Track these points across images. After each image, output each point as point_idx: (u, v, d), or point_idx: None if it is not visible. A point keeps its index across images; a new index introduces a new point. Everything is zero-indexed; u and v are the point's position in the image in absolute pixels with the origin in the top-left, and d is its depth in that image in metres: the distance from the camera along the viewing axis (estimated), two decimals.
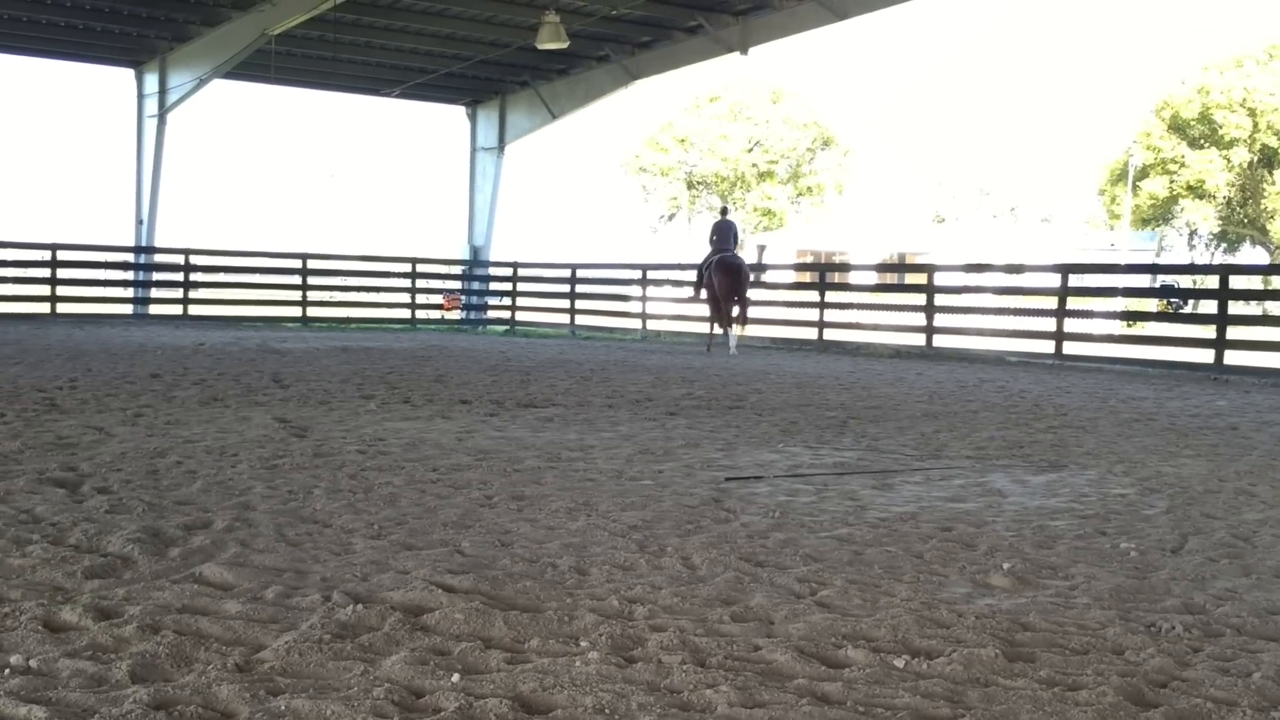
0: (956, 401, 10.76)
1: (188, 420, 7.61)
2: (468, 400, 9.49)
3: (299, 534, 4.35)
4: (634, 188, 54.07)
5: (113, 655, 2.92)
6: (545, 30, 19.31)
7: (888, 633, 3.34)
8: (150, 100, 25.19)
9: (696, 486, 5.70)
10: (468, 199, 29.58)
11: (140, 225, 25.48)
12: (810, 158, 51.43)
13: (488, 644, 3.14)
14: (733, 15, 22.24)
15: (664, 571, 4.00)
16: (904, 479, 6.14)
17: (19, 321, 20.94)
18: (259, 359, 13.50)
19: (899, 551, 4.41)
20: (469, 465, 6.12)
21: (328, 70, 26.55)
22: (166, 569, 3.78)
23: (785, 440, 7.61)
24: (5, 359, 12.24)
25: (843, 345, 19.92)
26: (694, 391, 10.97)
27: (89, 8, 21.91)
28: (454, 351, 16.54)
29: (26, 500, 4.77)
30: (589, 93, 26.41)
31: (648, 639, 3.21)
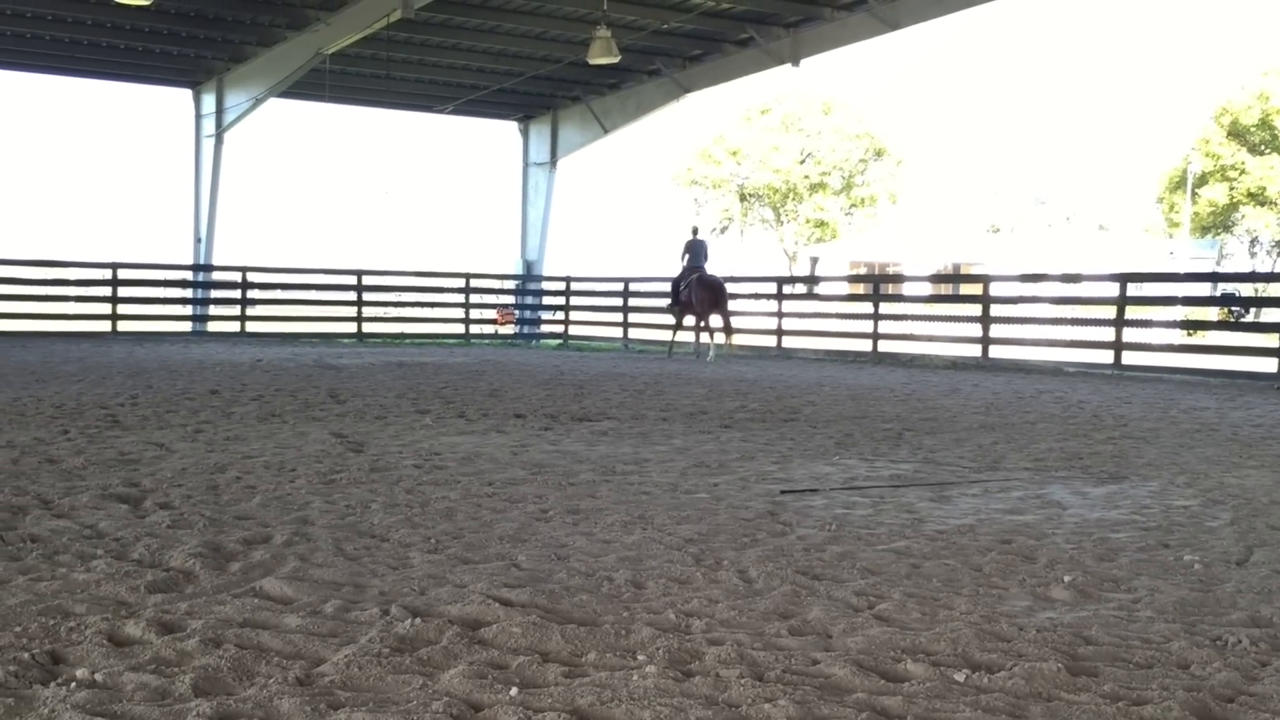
0: (1014, 412, 10.65)
1: (247, 436, 7.70)
2: (522, 414, 9.52)
3: (357, 548, 4.38)
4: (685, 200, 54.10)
5: (176, 669, 2.95)
6: (596, 45, 19.38)
7: (947, 646, 3.31)
8: (208, 120, 25.58)
9: (752, 500, 5.68)
10: (520, 214, 29.74)
11: (198, 244, 25.85)
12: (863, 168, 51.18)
13: (545, 658, 3.14)
14: (784, 27, 22.23)
15: (720, 585, 3.98)
16: (961, 491, 6.08)
17: (81, 340, 21.29)
18: (316, 375, 13.63)
19: (957, 564, 4.36)
20: (524, 479, 6.13)
21: (381, 88, 26.78)
22: (227, 583, 3.81)
23: (840, 453, 7.57)
24: (69, 376, 12.44)
25: (897, 357, 19.80)
26: (748, 404, 10.94)
27: (148, 30, 22.28)
28: (508, 366, 16.61)
29: (91, 515, 4.84)
30: (640, 106, 26.49)
31: (705, 653, 3.19)
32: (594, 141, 28.04)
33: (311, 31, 21.33)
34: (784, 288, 24.11)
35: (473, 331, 26.59)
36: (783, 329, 22.35)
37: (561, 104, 28.32)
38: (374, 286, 25.83)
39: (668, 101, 25.80)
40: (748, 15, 21.76)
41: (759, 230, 53.68)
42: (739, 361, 19.56)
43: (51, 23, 21.93)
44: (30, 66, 25.93)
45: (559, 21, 21.95)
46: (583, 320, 27.01)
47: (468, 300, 26.57)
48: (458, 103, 26.83)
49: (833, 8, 21.17)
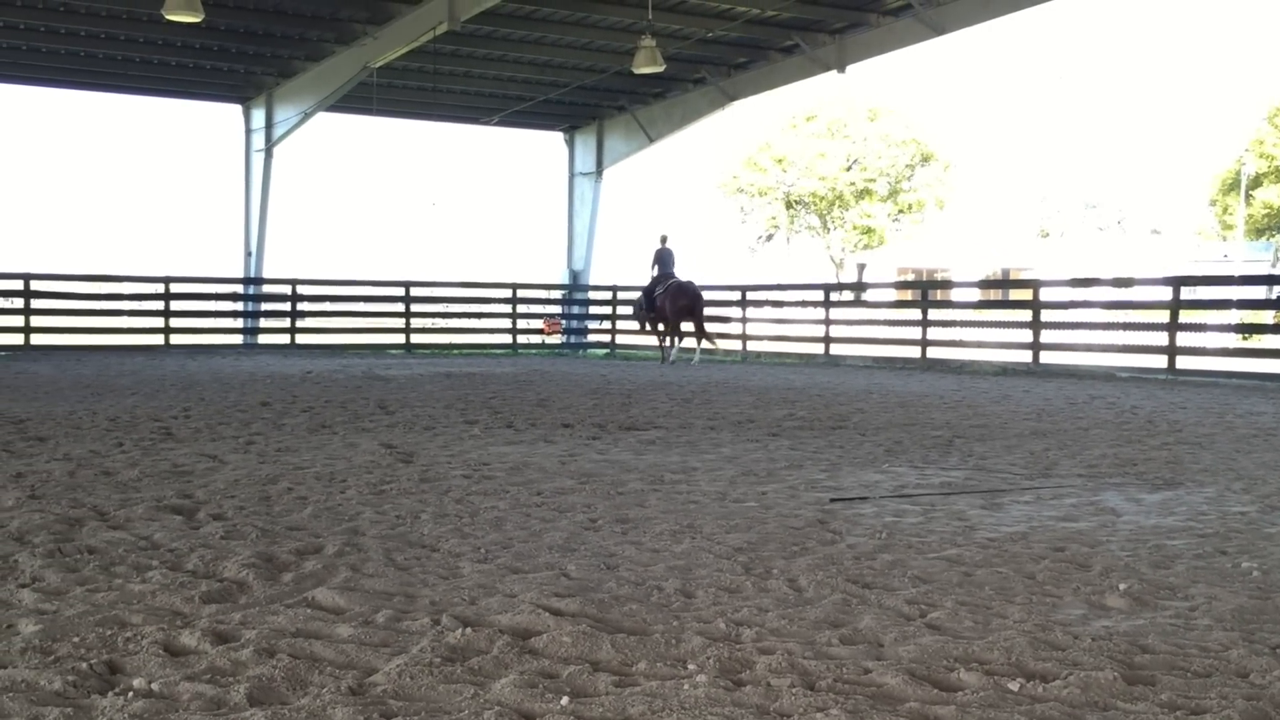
0: (1066, 419, 10.54)
1: (297, 447, 7.76)
2: (570, 424, 9.54)
3: (407, 558, 4.40)
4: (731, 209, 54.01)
5: (231, 678, 2.97)
6: (641, 55, 19.42)
7: (1001, 655, 3.27)
8: (257, 135, 25.87)
9: (801, 508, 5.66)
10: (566, 224, 29.84)
11: (249, 257, 26.14)
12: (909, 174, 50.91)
13: (596, 667, 3.14)
14: (829, 34, 22.19)
15: (770, 594, 3.97)
16: (1013, 498, 6.03)
17: (135, 353, 21.57)
18: (365, 386, 13.73)
19: (1010, 572, 4.32)
20: (573, 488, 6.14)
21: (428, 100, 27.01)
22: (280, 593, 3.84)
23: (890, 460, 7.53)
24: (123, 390, 12.60)
25: (946, 363, 19.67)
26: (796, 412, 10.90)
27: (198, 47, 22.57)
28: (555, 375, 16.66)
29: (146, 527, 4.90)
30: (685, 115, 26.51)
31: (756, 662, 3.18)
32: (639, 151, 28.08)
33: (359, 46, 21.53)
34: (831, 295, 24.02)
35: (520, 341, 26.68)
36: (830, 336, 22.27)
37: (607, 114, 28.40)
38: (422, 298, 26.01)
39: (713, 110, 25.80)
40: (793, 23, 21.73)
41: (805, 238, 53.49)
42: (786, 369, 19.50)
43: (105, 41, 22.27)
44: (86, 85, 26.34)
45: (604, 32, 22.03)
46: (630, 330, 27.04)
47: (515, 310, 26.68)
48: (503, 114, 26.96)
49: (878, 14, 21.12)
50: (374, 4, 20.47)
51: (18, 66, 24.05)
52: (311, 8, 20.59)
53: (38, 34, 21.69)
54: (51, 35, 21.83)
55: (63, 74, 24.89)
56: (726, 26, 21.34)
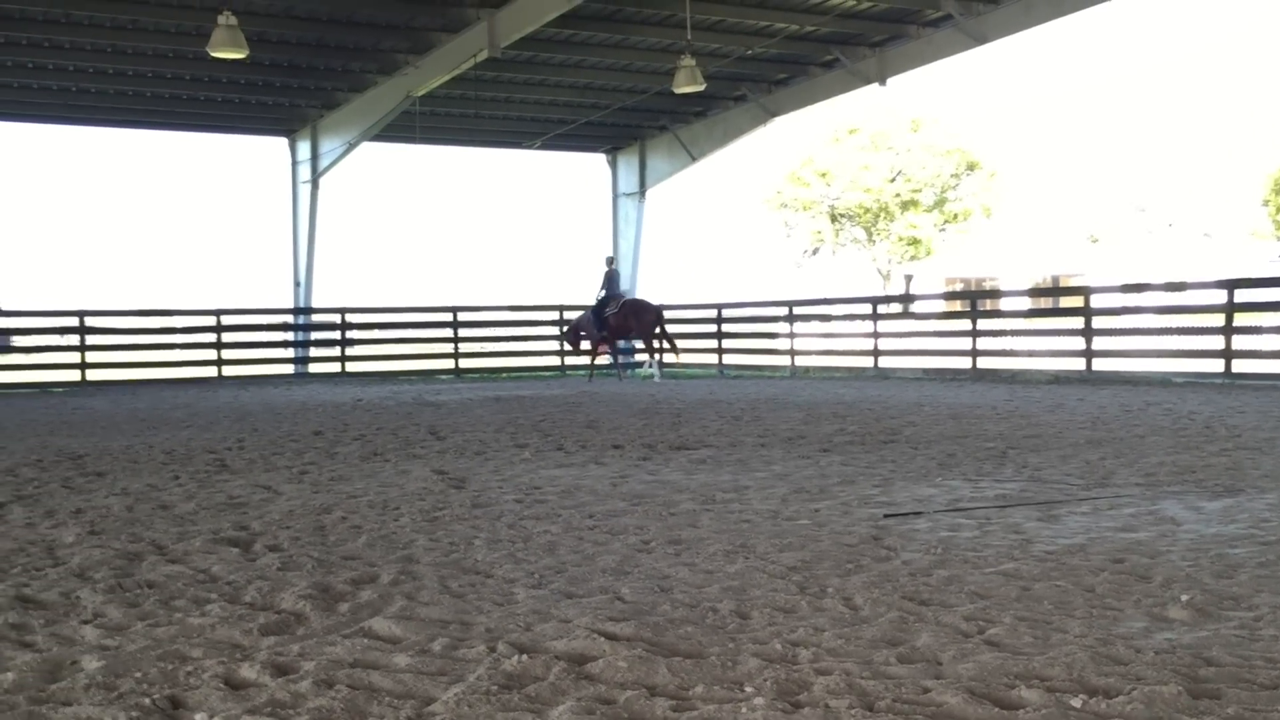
0: (1121, 426, 10.42)
1: (350, 476, 7.82)
2: (620, 445, 9.54)
3: (462, 585, 4.42)
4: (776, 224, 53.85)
5: (291, 711, 2.99)
6: (681, 74, 19.45)
7: (1062, 671, 3.23)
8: (303, 166, 26.16)
9: (855, 525, 5.62)
10: (612, 245, 29.89)
11: (298, 287, 26.40)
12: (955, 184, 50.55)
13: (652, 692, 3.14)
14: (869, 47, 22.14)
15: (826, 613, 3.95)
16: (1070, 509, 5.96)
17: (189, 385, 21.83)
18: (415, 412, 13.81)
19: (1069, 586, 4.27)
20: (625, 510, 6.14)
21: (470, 127, 27.20)
22: (337, 624, 3.87)
23: (943, 474, 7.47)
24: (178, 422, 12.76)
25: (997, 373, 19.50)
26: (846, 427, 10.85)
27: (244, 82, 22.89)
28: (604, 396, 16.68)
29: (204, 560, 4.95)
30: (727, 133, 26.54)
31: (813, 683, 3.16)
32: (682, 170, 28.12)
33: (401, 75, 21.73)
34: (879, 307, 23.90)
35: (568, 363, 26.72)
36: (879, 349, 22.15)
37: (649, 134, 28.48)
38: (470, 323, 26.14)
39: (755, 126, 25.81)
40: (832, 37, 21.71)
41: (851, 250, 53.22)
42: (835, 383, 19.42)
43: (153, 80, 22.62)
44: (136, 123, 26.73)
45: (643, 53, 22.11)
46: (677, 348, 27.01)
47: (563, 332, 26.73)
48: (546, 137, 27.10)
49: (918, 25, 21.05)
50: (415, 34, 20.67)
51: (70, 108, 24.50)
52: (353, 40, 20.82)
53: (87, 75, 22.09)
54: (100, 76, 22.22)
55: (113, 113, 25.29)
56: (765, 43, 21.35)
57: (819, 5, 20.01)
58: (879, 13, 20.60)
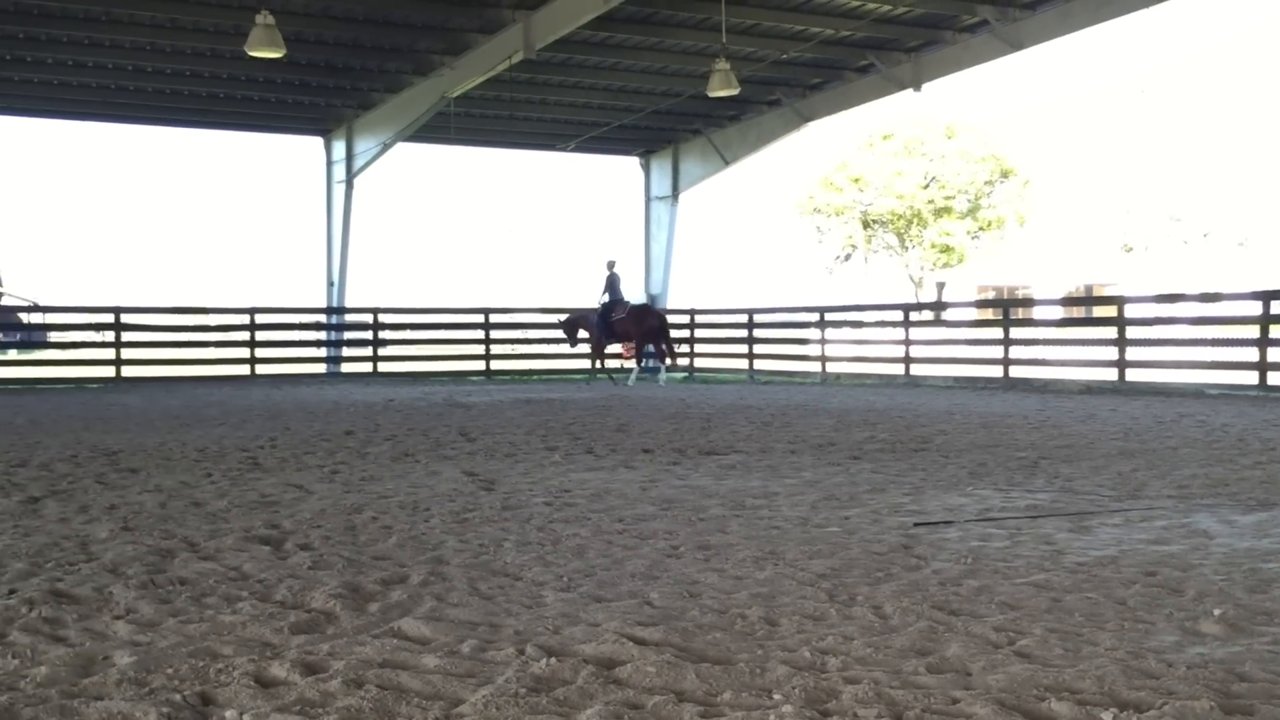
0: (1154, 438, 10.34)
1: (381, 476, 7.85)
2: (650, 449, 9.54)
3: (491, 587, 4.43)
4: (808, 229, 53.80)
5: (320, 710, 3.01)
6: (716, 78, 19.45)
7: (1093, 684, 3.21)
8: (338, 166, 26.30)
9: (884, 533, 5.60)
10: (643, 248, 29.92)
11: (331, 287, 26.53)
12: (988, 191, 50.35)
13: (680, 697, 3.14)
14: (905, 52, 22.07)
15: (855, 621, 3.93)
16: (1102, 521, 5.92)
17: (222, 383, 21.98)
18: (446, 413, 13.86)
19: (1100, 598, 4.24)
20: (654, 515, 6.14)
21: (504, 128, 27.27)
22: (367, 624, 3.88)
23: (974, 483, 7.43)
24: (211, 420, 12.85)
25: (1029, 382, 19.39)
26: (877, 435, 10.81)
27: (280, 82, 23.04)
28: (634, 400, 16.68)
29: (235, 558, 4.98)
30: (761, 137, 26.51)
31: (842, 691, 3.15)
32: (715, 174, 28.11)
33: (436, 76, 21.83)
34: (910, 314, 23.82)
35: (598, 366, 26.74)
36: (910, 356, 22.07)
37: (682, 137, 28.48)
38: (501, 324, 26.21)
39: (788, 131, 25.77)
40: (868, 42, 21.66)
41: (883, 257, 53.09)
42: (866, 390, 19.38)
43: (191, 79, 22.81)
44: (173, 121, 26.97)
45: (678, 56, 22.12)
46: (708, 352, 27.03)
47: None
48: (579, 140, 27.15)
49: (954, 31, 20.97)
50: (450, 35, 20.75)
51: (109, 105, 24.72)
52: (389, 40, 20.92)
53: (126, 73, 22.28)
54: (139, 74, 22.42)
55: (151, 111, 25.52)
56: (801, 48, 21.32)
57: (855, 10, 19.96)
58: (915, 18, 20.53)
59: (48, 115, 26.52)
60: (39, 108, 25.14)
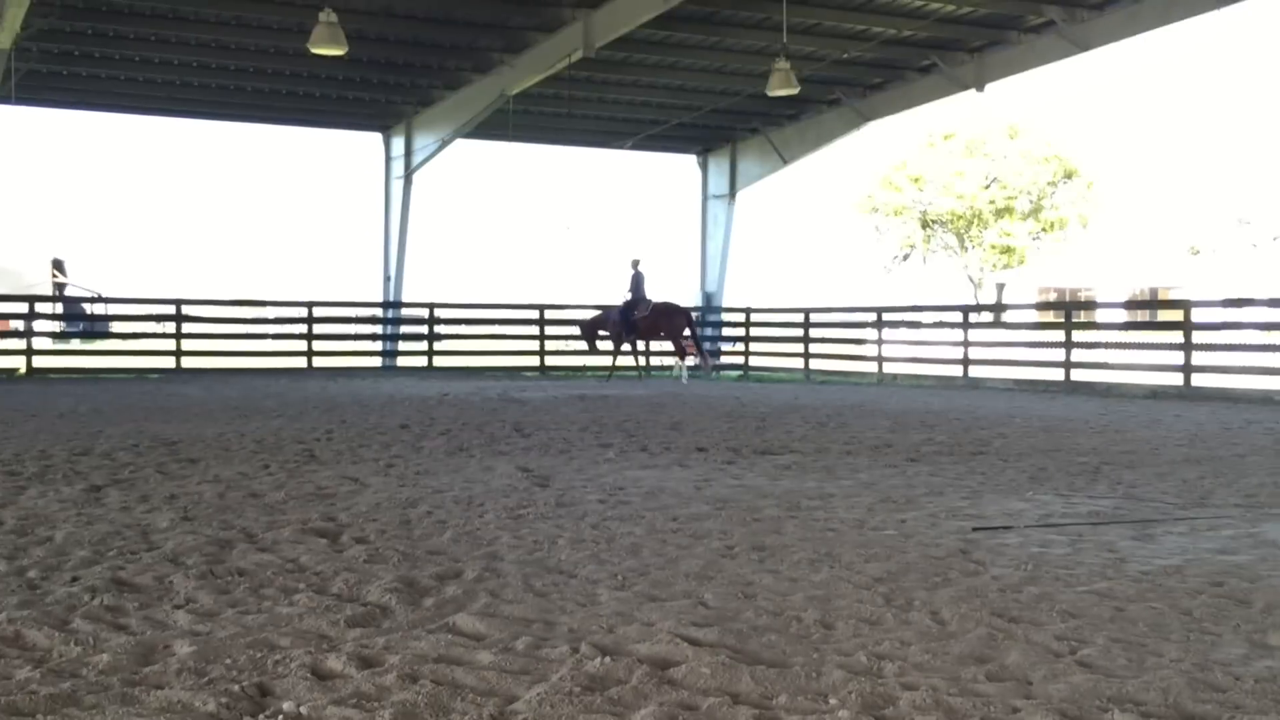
0: (1221, 444, 10.15)
1: (436, 470, 7.88)
2: (704, 448, 9.51)
3: (545, 584, 4.42)
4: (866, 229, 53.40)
5: (376, 703, 3.01)
6: (776, 77, 19.37)
7: (1157, 696, 3.15)
8: (397, 162, 26.48)
9: (942, 537, 5.54)
10: (700, 246, 29.86)
11: (388, 281, 26.72)
12: (1051, 192, 49.71)
13: (735, 699, 3.11)
14: (968, 52, 21.87)
15: (912, 626, 3.89)
16: (1166, 529, 5.81)
17: (279, 375, 22.19)
18: (500, 408, 13.89)
19: (1165, 608, 4.16)
20: (708, 514, 6.11)
21: (562, 126, 27.31)
22: (422, 618, 3.89)
23: (1034, 488, 7.33)
24: (269, 412, 12.97)
25: (1091, 386, 19.13)
26: (935, 437, 10.71)
27: (341, 78, 23.23)
28: (689, 398, 16.65)
29: (292, 550, 5.01)
30: (820, 136, 26.37)
31: (899, 697, 3.11)
32: (773, 173, 28.00)
33: (495, 74, 21.91)
34: (970, 315, 23.60)
35: (652, 364, 26.73)
36: (969, 358, 21.85)
37: (740, 136, 28.40)
38: (556, 320, 26.25)
39: (848, 130, 25.62)
40: (930, 42, 21.47)
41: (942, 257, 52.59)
42: (923, 391, 19.22)
43: (254, 75, 23.06)
44: (236, 116, 27.31)
45: (738, 55, 22.06)
46: (763, 351, 26.93)
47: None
48: (637, 138, 27.14)
49: (1019, 31, 20.75)
50: (510, 33, 20.82)
51: (174, 100, 25.04)
52: (450, 38, 21.03)
53: (191, 69, 22.56)
54: (204, 70, 22.69)
55: (215, 107, 25.84)
56: (862, 47, 21.18)
57: (918, 10, 19.79)
58: (979, 18, 20.33)
59: (114, 110, 26.90)
60: (106, 102, 25.54)
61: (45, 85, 22.85)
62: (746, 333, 27.32)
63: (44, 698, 2.98)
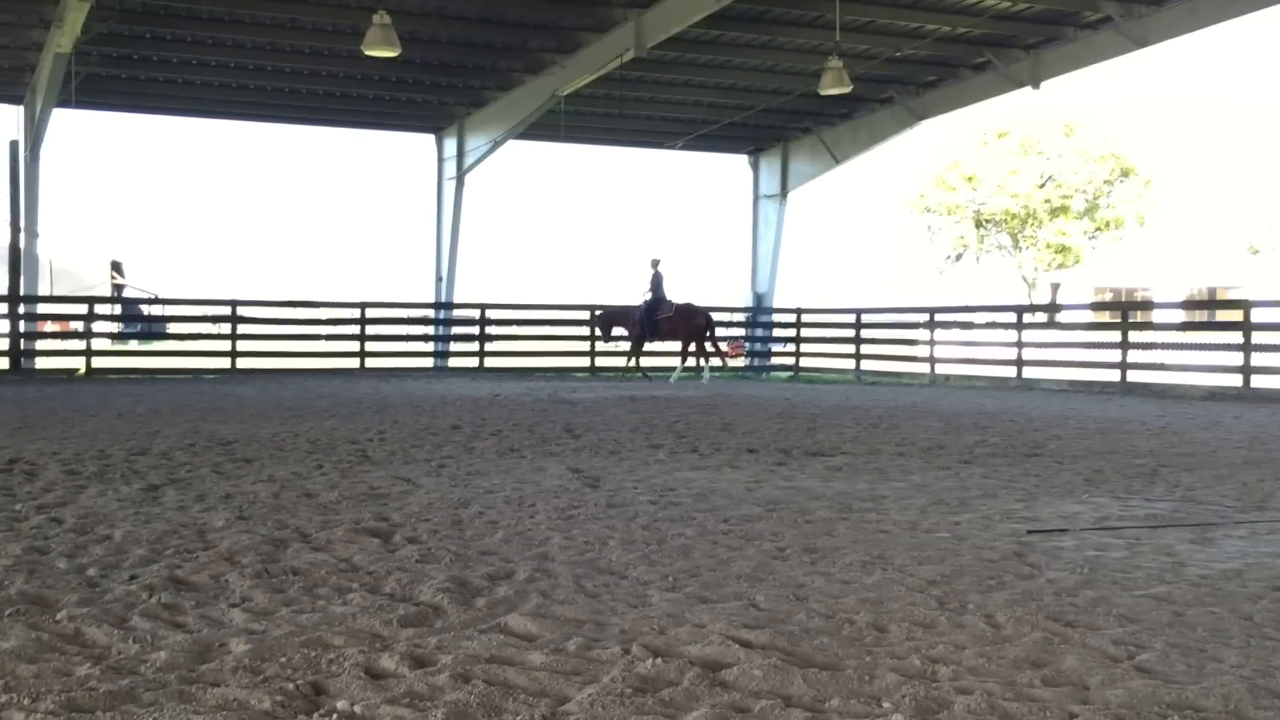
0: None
1: (487, 470, 7.91)
2: (755, 449, 9.48)
3: (597, 585, 4.42)
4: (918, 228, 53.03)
5: (428, 703, 3.03)
6: (828, 76, 19.29)
7: (1217, 703, 3.10)
8: (449, 163, 26.60)
9: (996, 539, 5.49)
10: (751, 246, 29.78)
11: (440, 282, 26.86)
12: (1108, 190, 49.11)
13: (788, 702, 3.09)
14: (1023, 49, 21.65)
15: (966, 630, 3.85)
16: (1225, 533, 5.72)
17: (332, 376, 22.38)
18: (551, 409, 13.93)
19: (1224, 613, 4.09)
20: (759, 516, 6.09)
21: (614, 126, 27.34)
22: (474, 618, 3.90)
23: (1090, 490, 7.25)
24: (322, 412, 13.08)
25: (1148, 387, 18.89)
26: (988, 438, 10.62)
27: (395, 80, 23.38)
28: (739, 399, 16.61)
29: (345, 549, 5.05)
30: (872, 136, 26.21)
31: (953, 702, 3.09)
32: (825, 172, 27.87)
33: (547, 75, 21.97)
34: (1024, 316, 23.37)
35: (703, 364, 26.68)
36: (1023, 359, 21.64)
37: (792, 135, 28.29)
38: None
39: (901, 129, 25.45)
40: (985, 39, 21.28)
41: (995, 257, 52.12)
42: (976, 392, 19.06)
43: (308, 77, 23.27)
44: (289, 119, 27.57)
45: (790, 54, 21.97)
46: (814, 352, 26.82)
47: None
48: (688, 138, 27.11)
49: (1075, 27, 20.51)
50: (562, 33, 20.88)
51: (229, 103, 25.32)
52: (502, 39, 21.12)
53: (246, 71, 22.80)
54: (259, 73, 22.93)
55: (269, 109, 26.09)
56: (915, 45, 21.04)
57: (972, 6, 19.63)
58: (1035, 14, 20.12)
59: (171, 112, 27.22)
60: (163, 105, 25.83)
61: (104, 88, 23.18)
62: (797, 333, 27.22)
63: (103, 694, 3.02)
